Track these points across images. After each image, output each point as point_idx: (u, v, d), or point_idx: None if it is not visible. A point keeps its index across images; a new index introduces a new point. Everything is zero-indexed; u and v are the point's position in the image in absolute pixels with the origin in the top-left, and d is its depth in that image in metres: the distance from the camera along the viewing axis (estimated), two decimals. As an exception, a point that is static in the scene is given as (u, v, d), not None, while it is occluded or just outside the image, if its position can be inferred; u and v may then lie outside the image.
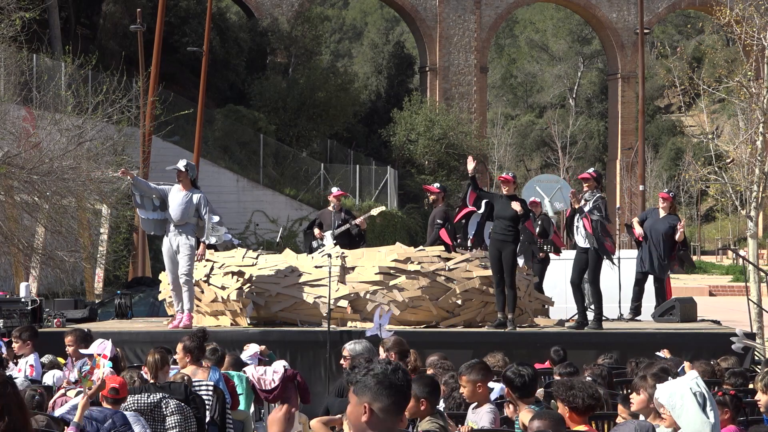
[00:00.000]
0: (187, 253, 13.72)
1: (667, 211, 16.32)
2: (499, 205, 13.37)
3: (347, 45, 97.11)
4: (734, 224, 61.99)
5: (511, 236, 13.23)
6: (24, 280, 17.74)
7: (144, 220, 14.10)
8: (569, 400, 6.50)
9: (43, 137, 21.19)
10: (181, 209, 13.69)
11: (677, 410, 5.77)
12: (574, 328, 13.82)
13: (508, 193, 13.33)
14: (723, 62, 23.88)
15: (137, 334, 13.43)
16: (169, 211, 13.75)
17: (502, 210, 13.27)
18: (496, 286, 13.48)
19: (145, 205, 13.90)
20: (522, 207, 13.23)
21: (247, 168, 43.48)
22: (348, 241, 15.95)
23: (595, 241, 13.39)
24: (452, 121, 53.01)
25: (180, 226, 13.72)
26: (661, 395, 5.87)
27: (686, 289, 36.46)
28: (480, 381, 7.44)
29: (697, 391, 5.83)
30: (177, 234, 13.72)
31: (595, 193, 13.57)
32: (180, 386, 8.53)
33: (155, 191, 13.88)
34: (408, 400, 4.18)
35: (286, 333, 13.75)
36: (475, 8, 56.54)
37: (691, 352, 12.35)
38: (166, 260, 13.89)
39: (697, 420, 5.75)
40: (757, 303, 18.12)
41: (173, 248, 13.74)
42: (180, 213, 13.69)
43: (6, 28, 20.99)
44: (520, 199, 13.67)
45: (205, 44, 30.86)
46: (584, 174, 13.80)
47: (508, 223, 13.22)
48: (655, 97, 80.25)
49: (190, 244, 13.72)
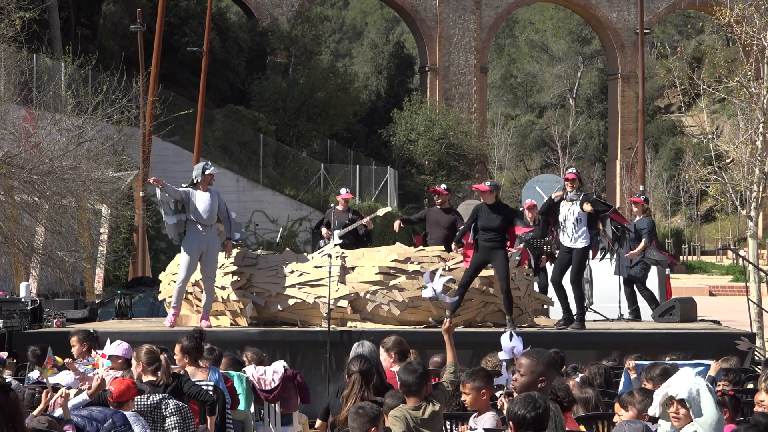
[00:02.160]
0: (216, 256, 13.72)
1: (641, 214, 16.37)
2: (484, 215, 13.45)
3: (347, 45, 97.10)
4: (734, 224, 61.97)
5: (497, 244, 13.29)
6: (24, 280, 17.73)
7: (169, 226, 13.93)
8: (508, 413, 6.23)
9: (43, 137, 21.20)
10: (212, 209, 13.64)
11: (696, 406, 5.66)
12: (561, 326, 13.83)
13: (490, 203, 13.36)
14: (723, 62, 23.89)
15: (137, 334, 13.42)
16: (198, 212, 13.60)
17: (488, 220, 13.34)
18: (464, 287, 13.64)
19: (167, 211, 13.83)
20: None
21: (247, 168, 43.48)
22: (354, 240, 15.97)
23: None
24: (452, 121, 53.01)
25: (209, 227, 13.68)
26: (680, 391, 5.72)
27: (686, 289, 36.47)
28: (484, 388, 7.45)
29: (708, 386, 5.80)
30: (206, 234, 13.62)
31: (579, 192, 13.58)
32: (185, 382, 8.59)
33: (179, 194, 13.70)
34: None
35: (286, 333, 13.75)
36: (475, 8, 56.54)
37: (691, 353, 12.35)
38: (189, 260, 13.61)
39: (714, 415, 5.68)
40: (757, 303, 18.13)
41: (201, 249, 13.61)
42: (210, 213, 13.63)
43: (6, 28, 20.99)
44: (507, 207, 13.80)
45: (205, 44, 30.85)
46: (570, 174, 13.82)
47: (494, 232, 13.28)
48: (655, 97, 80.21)
49: (219, 246, 13.74)
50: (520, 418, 5.64)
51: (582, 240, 13.46)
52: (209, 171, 13.78)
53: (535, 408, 5.64)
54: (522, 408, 5.64)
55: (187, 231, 13.71)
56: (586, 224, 13.44)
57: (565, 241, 13.53)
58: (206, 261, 13.69)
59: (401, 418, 6.90)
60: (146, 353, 8.76)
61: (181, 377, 8.74)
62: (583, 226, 13.43)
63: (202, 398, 8.67)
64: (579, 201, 13.44)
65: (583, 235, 13.45)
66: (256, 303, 14.11)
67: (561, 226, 13.55)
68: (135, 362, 8.78)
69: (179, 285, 13.78)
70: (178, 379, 8.65)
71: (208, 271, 13.70)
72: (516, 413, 5.66)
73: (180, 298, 13.93)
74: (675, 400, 5.76)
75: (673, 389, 5.76)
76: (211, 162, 14.86)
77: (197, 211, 13.63)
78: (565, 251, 13.59)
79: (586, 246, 13.50)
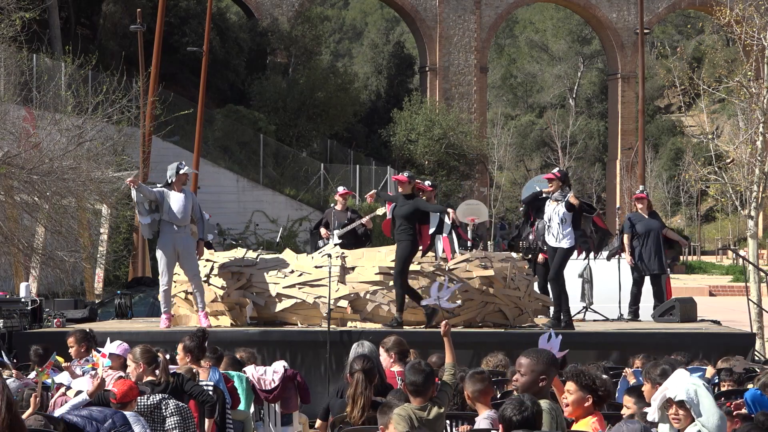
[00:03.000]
0: (193, 253, 13.74)
1: (648, 209, 16.50)
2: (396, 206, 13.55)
3: (347, 45, 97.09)
4: (734, 224, 61.96)
5: (407, 237, 13.34)
6: (24, 280, 17.72)
7: (144, 226, 14.04)
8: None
9: (43, 137, 21.20)
10: (185, 210, 13.66)
11: (696, 407, 5.66)
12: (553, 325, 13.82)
13: (405, 193, 13.46)
14: (723, 62, 23.88)
15: (137, 334, 13.42)
16: (173, 213, 13.64)
17: (399, 211, 13.45)
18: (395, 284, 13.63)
19: (141, 211, 13.87)
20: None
21: (247, 168, 43.48)
22: (354, 240, 15.96)
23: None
24: (452, 121, 53.01)
25: (183, 227, 13.70)
26: (678, 393, 5.71)
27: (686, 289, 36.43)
28: (484, 388, 7.45)
29: (707, 385, 5.81)
30: (180, 235, 13.66)
31: (564, 192, 13.59)
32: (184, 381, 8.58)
33: (154, 194, 13.78)
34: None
35: (286, 333, 13.75)
36: (475, 8, 56.54)
37: (691, 353, 12.35)
38: (167, 261, 13.72)
39: (716, 413, 5.69)
40: (757, 303, 18.13)
41: (176, 249, 13.69)
42: (184, 213, 13.65)
43: (6, 28, 20.99)
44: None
45: (205, 44, 30.85)
46: (548, 174, 13.85)
47: (404, 221, 13.38)
48: (655, 97, 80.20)
49: (194, 245, 13.75)
50: (507, 420, 5.69)
51: (567, 240, 13.46)
52: (183, 171, 13.79)
53: (521, 411, 5.67)
54: (510, 410, 5.69)
55: (161, 231, 13.75)
56: (570, 225, 13.46)
57: (551, 240, 13.55)
58: (185, 261, 13.72)
59: (405, 417, 6.89)
60: (144, 353, 8.77)
61: (181, 376, 8.73)
62: (568, 227, 13.44)
63: (203, 399, 8.66)
64: (564, 201, 13.45)
65: (568, 236, 13.45)
66: (256, 303, 14.11)
67: (546, 226, 13.57)
68: (133, 364, 8.75)
69: (164, 288, 13.85)
70: (177, 378, 8.64)
71: (191, 269, 13.73)
72: (504, 415, 5.70)
73: (168, 302, 13.97)
74: (674, 402, 5.74)
75: (671, 391, 5.75)
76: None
77: (171, 211, 13.65)
78: (552, 250, 13.61)
79: (570, 246, 13.50)
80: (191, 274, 13.76)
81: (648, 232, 16.20)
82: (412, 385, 7.12)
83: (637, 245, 16.28)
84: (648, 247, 16.13)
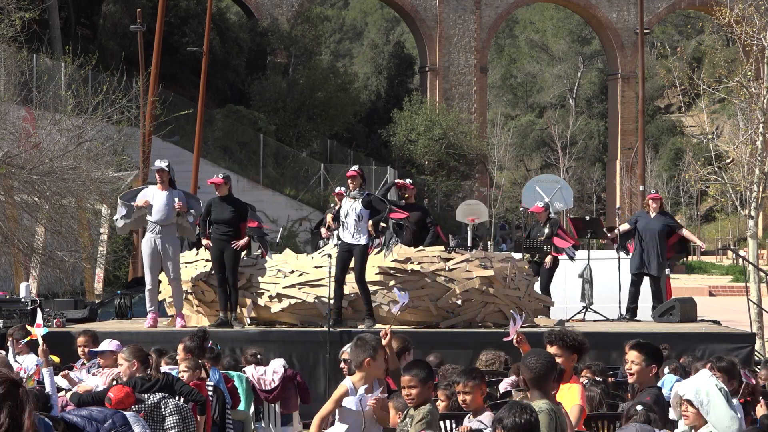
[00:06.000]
0: (176, 255, 13.72)
1: (658, 210, 16.39)
2: (217, 209, 13.56)
3: (347, 45, 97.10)
4: (734, 224, 61.99)
5: (229, 237, 13.39)
6: (24, 280, 17.73)
7: (119, 228, 14.23)
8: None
9: (43, 137, 21.21)
10: (167, 210, 13.59)
11: (706, 406, 5.82)
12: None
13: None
14: (723, 62, 23.90)
15: (137, 335, 13.42)
16: (153, 213, 13.59)
17: (220, 213, 13.48)
18: (219, 285, 13.60)
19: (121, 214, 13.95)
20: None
21: (247, 168, 43.49)
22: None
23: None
24: (452, 121, 53.01)
25: (165, 227, 13.63)
26: (686, 392, 5.91)
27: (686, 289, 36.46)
28: (478, 387, 7.42)
29: (721, 387, 5.95)
30: (161, 235, 13.58)
31: (362, 190, 13.59)
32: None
33: (143, 211, 13.76)
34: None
35: (286, 333, 13.74)
36: (475, 8, 56.54)
37: (691, 353, 12.34)
38: (149, 262, 13.67)
39: (727, 415, 5.82)
40: (757, 303, 18.14)
41: (157, 249, 13.61)
42: (166, 214, 13.59)
43: (6, 28, 21.01)
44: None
45: (205, 44, 30.85)
46: (350, 172, 13.70)
47: (226, 225, 13.40)
48: (655, 97, 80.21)
49: (176, 245, 13.74)
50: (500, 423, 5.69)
51: (363, 237, 13.38)
52: (154, 167, 13.79)
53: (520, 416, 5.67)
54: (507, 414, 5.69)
55: (146, 232, 13.82)
56: (366, 221, 13.40)
57: (346, 237, 13.44)
58: (165, 261, 13.67)
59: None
60: (136, 351, 8.79)
61: (171, 375, 8.70)
62: (364, 223, 13.39)
63: (192, 398, 8.65)
64: (361, 199, 13.40)
65: (363, 232, 13.38)
66: (256, 303, 14.11)
67: (343, 223, 13.51)
68: (126, 363, 8.75)
69: (148, 288, 13.84)
70: (167, 377, 8.61)
71: (172, 271, 13.68)
72: (500, 418, 5.70)
73: (154, 302, 13.97)
74: (684, 400, 5.95)
75: (682, 389, 5.98)
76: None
77: (153, 210, 13.64)
78: (344, 249, 13.47)
79: (366, 243, 13.44)
80: (171, 277, 13.73)
81: (646, 231, 16.17)
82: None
83: (637, 243, 16.26)
84: (646, 247, 16.11)
